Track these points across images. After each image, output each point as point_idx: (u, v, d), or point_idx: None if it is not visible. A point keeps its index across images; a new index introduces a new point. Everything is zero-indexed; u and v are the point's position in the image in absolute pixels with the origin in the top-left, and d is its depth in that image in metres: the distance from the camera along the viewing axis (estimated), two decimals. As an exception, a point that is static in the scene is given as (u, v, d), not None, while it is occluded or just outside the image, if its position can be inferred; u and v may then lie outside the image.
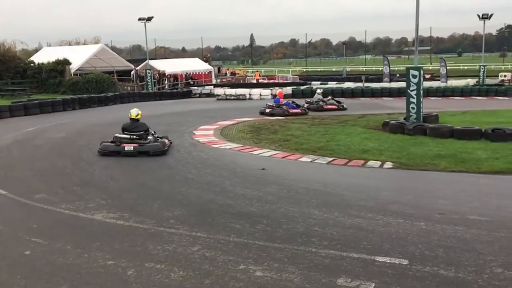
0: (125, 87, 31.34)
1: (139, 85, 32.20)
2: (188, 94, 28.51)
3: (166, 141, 10.60)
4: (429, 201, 6.45)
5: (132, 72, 34.92)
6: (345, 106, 19.67)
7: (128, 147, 9.88)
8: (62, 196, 6.76)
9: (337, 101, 20.05)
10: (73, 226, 5.48)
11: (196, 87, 31.84)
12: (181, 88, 33.66)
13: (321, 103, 19.48)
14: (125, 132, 10.24)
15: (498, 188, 7.37)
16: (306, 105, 19.19)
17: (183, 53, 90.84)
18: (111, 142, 10.11)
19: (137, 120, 10.46)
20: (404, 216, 5.59)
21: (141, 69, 35.42)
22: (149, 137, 10.25)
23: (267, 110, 17.92)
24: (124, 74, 35.46)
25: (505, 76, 33.88)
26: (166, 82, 35.07)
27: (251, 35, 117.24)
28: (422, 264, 4.18)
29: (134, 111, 10.59)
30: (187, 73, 38.62)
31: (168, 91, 30.95)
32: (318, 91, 21.14)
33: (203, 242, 4.81)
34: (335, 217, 5.61)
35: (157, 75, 34.09)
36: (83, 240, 4.94)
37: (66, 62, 30.12)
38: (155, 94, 27.41)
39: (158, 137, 10.53)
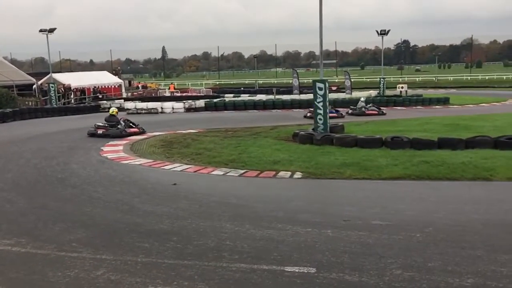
0: (26, 102, 29.28)
1: (42, 100, 30.25)
2: (96, 109, 27.30)
3: (133, 129, 15.65)
4: (336, 209, 6.73)
5: (34, 86, 32.78)
6: (384, 111, 22.50)
7: (100, 132, 15.17)
8: None
9: (378, 108, 22.99)
10: (-40, 257, 4.95)
11: (105, 101, 30.64)
12: (88, 102, 32.20)
13: (363, 109, 22.41)
14: (103, 122, 15.64)
15: (397, 193, 7.87)
16: (350, 111, 22.31)
17: (91, 66, 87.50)
18: (95, 128, 15.37)
19: (114, 115, 15.97)
20: (312, 225, 5.75)
21: (44, 82, 33.35)
22: (119, 126, 15.40)
23: (308, 114, 20.37)
24: (25, 89, 33.16)
25: (402, 87, 36.45)
26: (72, 96, 33.33)
27: (163, 48, 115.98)
28: (328, 271, 4.31)
29: (112, 109, 16.63)
30: (95, 87, 37.01)
31: (74, 105, 29.49)
32: (362, 99, 23.83)
33: (109, 264, 4.57)
34: (246, 229, 5.63)
35: (62, 89, 32.26)
36: (-29, 272, 4.47)
37: (-43, 76, 27.49)
38: (60, 109, 25.96)
39: (136, 126, 15.93)
